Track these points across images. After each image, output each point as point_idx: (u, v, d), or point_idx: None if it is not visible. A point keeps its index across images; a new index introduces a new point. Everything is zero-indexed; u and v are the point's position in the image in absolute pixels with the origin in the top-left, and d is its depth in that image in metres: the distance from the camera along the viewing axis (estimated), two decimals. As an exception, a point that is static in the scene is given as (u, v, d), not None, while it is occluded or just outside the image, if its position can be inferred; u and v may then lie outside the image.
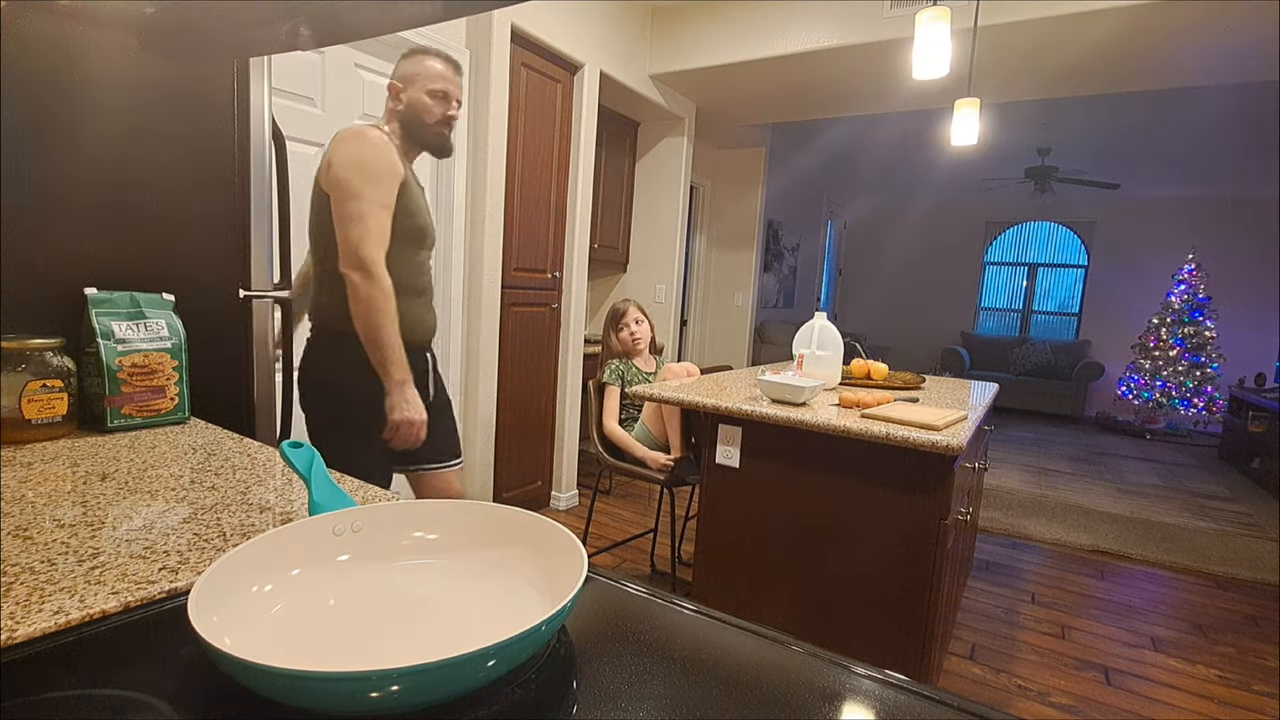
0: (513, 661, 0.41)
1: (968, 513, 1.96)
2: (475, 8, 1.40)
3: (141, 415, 1.00)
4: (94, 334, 0.97)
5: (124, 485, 0.73)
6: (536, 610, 0.40)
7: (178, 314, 1.07)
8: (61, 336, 0.96)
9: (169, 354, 1.03)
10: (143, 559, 0.55)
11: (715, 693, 0.44)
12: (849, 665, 0.47)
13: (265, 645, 0.43)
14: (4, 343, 0.89)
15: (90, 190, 1.04)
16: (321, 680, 0.35)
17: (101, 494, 0.70)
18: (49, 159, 0.99)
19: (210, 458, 0.86)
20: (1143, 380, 6.20)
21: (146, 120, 1.09)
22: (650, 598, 0.56)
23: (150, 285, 1.08)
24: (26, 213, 0.97)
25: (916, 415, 1.58)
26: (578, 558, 0.48)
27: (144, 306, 1.04)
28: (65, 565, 0.53)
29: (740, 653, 0.49)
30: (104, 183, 1.05)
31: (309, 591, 0.49)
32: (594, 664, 0.46)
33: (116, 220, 1.07)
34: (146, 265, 1.10)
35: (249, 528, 0.64)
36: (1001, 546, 3.12)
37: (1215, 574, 2.93)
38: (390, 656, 0.34)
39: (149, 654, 0.44)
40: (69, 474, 0.76)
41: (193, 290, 1.14)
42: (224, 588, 0.44)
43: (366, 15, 0.97)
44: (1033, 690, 1.93)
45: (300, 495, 0.74)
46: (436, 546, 0.56)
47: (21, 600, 0.47)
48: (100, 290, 1.01)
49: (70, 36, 0.99)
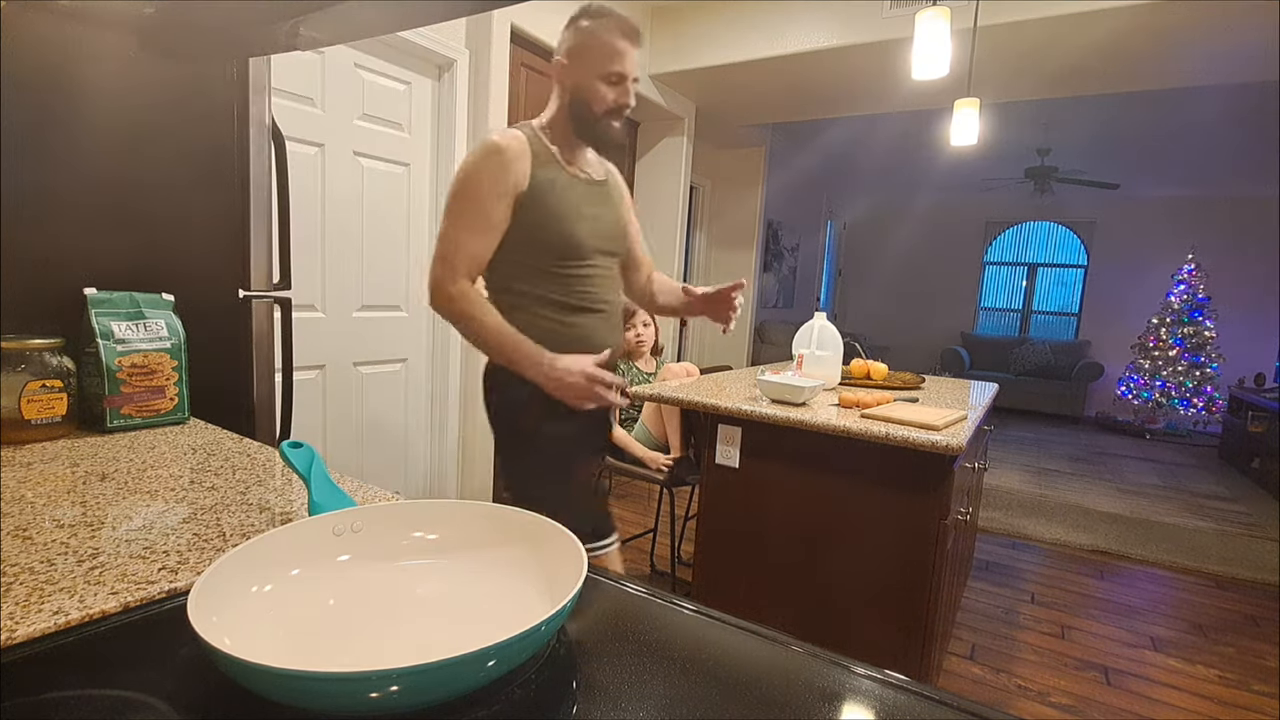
0: (513, 661, 0.41)
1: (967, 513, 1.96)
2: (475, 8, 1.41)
3: (141, 415, 1.00)
4: (94, 334, 0.97)
5: (123, 485, 0.73)
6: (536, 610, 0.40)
7: (177, 314, 1.07)
8: (61, 336, 0.95)
9: (169, 354, 1.03)
10: (142, 559, 0.55)
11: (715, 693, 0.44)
12: (849, 665, 0.47)
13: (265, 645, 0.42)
14: (4, 343, 0.89)
15: (90, 190, 1.04)
16: (321, 680, 0.34)
17: (101, 494, 0.70)
18: (49, 159, 0.99)
19: (210, 458, 0.86)
20: (1142, 380, 6.20)
21: (146, 120, 1.09)
22: (650, 598, 0.56)
23: (150, 285, 1.08)
24: (26, 213, 0.97)
25: (916, 415, 1.58)
26: (578, 558, 0.48)
27: (144, 307, 1.04)
28: (65, 565, 0.53)
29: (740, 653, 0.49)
30: (104, 183, 1.05)
31: (309, 592, 0.49)
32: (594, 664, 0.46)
33: (116, 220, 1.07)
34: (146, 265, 1.10)
35: (249, 528, 0.63)
36: (1001, 546, 3.12)
37: (1215, 574, 2.93)
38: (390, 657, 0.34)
39: (149, 654, 0.44)
40: (68, 474, 0.76)
41: (193, 290, 1.14)
42: (224, 588, 0.44)
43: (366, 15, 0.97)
44: (1033, 690, 1.93)
45: (300, 495, 0.74)
46: (436, 546, 0.56)
47: (21, 600, 0.47)
48: (100, 290, 1.01)
49: (70, 37, 0.99)
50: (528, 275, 1.27)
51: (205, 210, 1.19)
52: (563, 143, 1.30)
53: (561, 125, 1.30)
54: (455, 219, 1.22)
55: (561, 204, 1.26)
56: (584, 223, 1.28)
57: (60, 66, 0.99)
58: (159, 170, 1.11)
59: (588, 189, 1.32)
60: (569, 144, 1.31)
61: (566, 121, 1.29)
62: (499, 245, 1.26)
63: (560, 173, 1.27)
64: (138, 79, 1.07)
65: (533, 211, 1.23)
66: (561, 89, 1.28)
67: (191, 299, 1.12)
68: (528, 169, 1.23)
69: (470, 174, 1.21)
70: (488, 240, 1.24)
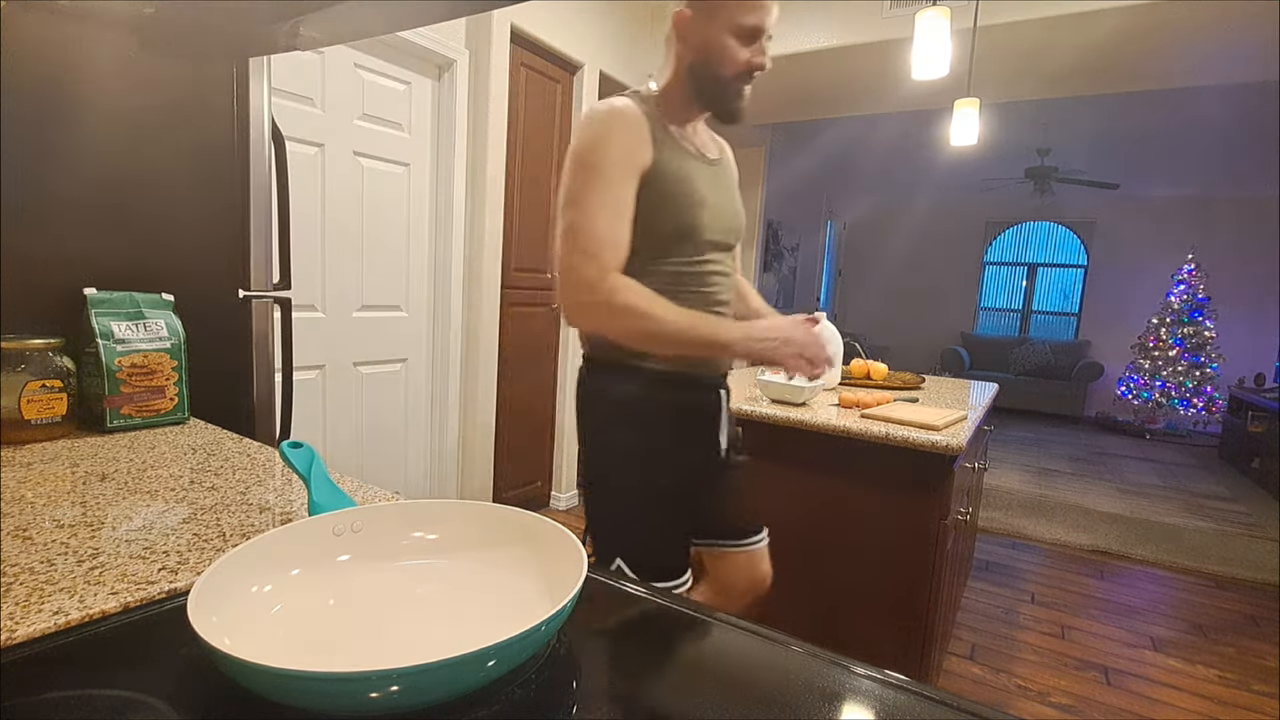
0: (513, 662, 0.41)
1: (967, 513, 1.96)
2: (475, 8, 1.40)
3: (141, 415, 1.00)
4: (93, 334, 0.97)
5: (123, 485, 0.73)
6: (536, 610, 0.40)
7: (177, 314, 1.07)
8: (61, 336, 0.95)
9: (168, 354, 1.03)
10: (142, 559, 0.55)
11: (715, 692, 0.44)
12: (849, 665, 0.47)
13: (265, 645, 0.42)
14: (4, 343, 0.89)
15: (90, 190, 1.04)
16: (321, 680, 0.34)
17: (101, 494, 0.70)
18: (49, 159, 0.99)
19: (210, 458, 0.86)
20: (1142, 380, 6.20)
21: (146, 120, 1.09)
22: (650, 598, 0.56)
23: (150, 285, 1.08)
24: (26, 213, 0.97)
25: (916, 415, 1.58)
26: (578, 558, 0.48)
27: (143, 307, 1.04)
28: (65, 565, 0.53)
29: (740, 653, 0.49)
30: (104, 183, 1.05)
31: (309, 592, 0.49)
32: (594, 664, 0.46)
33: (116, 220, 1.07)
34: (146, 265, 1.10)
35: (249, 528, 0.63)
36: (1001, 546, 3.12)
37: (1215, 574, 2.93)
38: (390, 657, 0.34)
39: (148, 654, 0.44)
40: (68, 474, 0.76)
41: (192, 290, 1.14)
42: (224, 588, 0.44)
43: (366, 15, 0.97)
44: (1033, 690, 1.93)
45: (300, 495, 0.74)
46: (436, 546, 0.56)
47: (21, 600, 0.47)
48: (100, 290, 1.01)
49: (70, 37, 0.99)
50: (636, 274, 1.03)
51: (205, 210, 1.19)
52: (679, 114, 1.10)
53: (678, 92, 1.09)
54: (586, 202, 0.99)
55: (681, 187, 1.05)
56: (704, 210, 1.08)
57: (60, 66, 0.99)
58: (159, 170, 1.11)
59: (705, 170, 1.11)
60: (687, 115, 1.11)
61: (685, 86, 1.08)
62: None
63: (677, 150, 1.07)
64: (138, 79, 1.07)
65: (650, 195, 1.03)
66: (683, 46, 1.06)
67: (191, 299, 1.12)
68: (650, 143, 1.03)
69: (595, 147, 1.00)
70: (626, 226, 1.01)
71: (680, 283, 1.08)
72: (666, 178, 1.04)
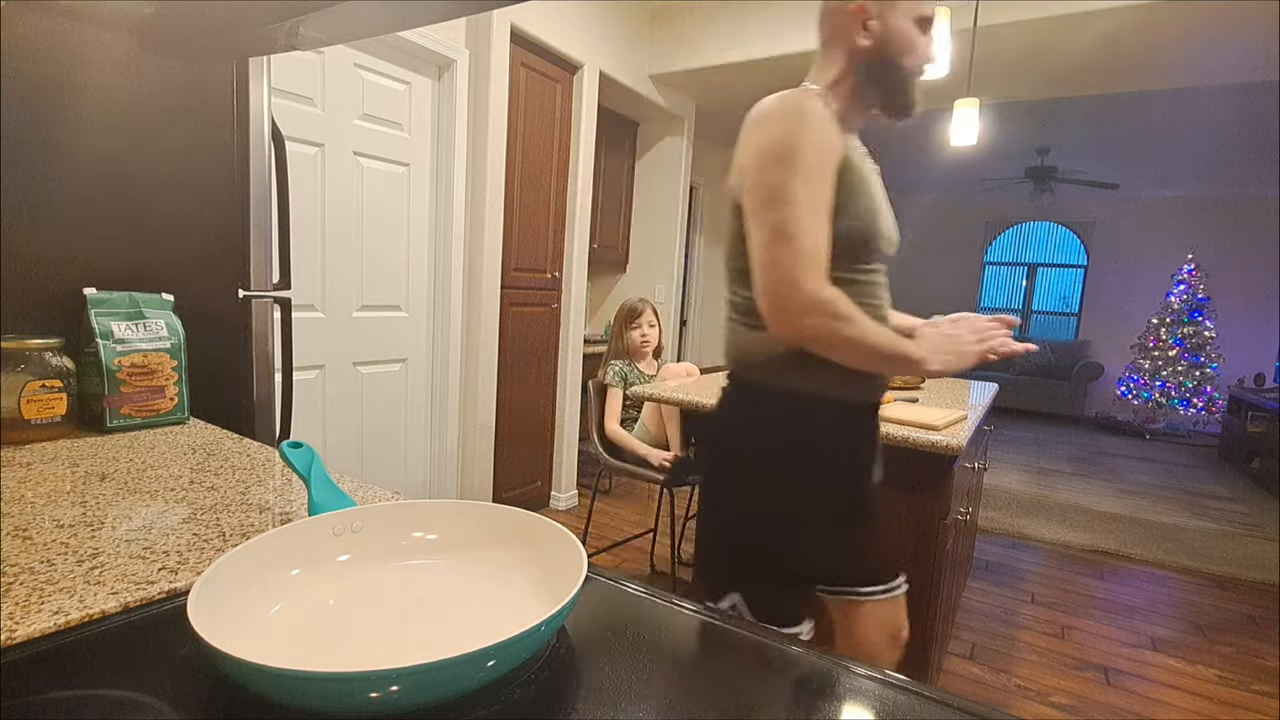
0: (512, 661, 0.41)
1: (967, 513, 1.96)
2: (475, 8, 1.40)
3: (141, 415, 1.00)
4: (93, 334, 0.97)
5: (123, 485, 0.73)
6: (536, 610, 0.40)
7: (177, 314, 1.07)
8: (61, 336, 0.95)
9: (168, 354, 1.03)
10: (142, 559, 0.55)
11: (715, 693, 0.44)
12: (849, 665, 0.47)
13: (265, 645, 0.42)
14: (4, 343, 0.89)
15: (90, 190, 1.03)
16: (321, 680, 0.34)
17: (101, 494, 0.70)
18: (49, 159, 0.99)
19: (210, 458, 0.86)
20: (1142, 380, 6.20)
21: (146, 120, 1.09)
22: (650, 598, 0.56)
23: (150, 285, 1.08)
24: (26, 213, 0.97)
25: (916, 415, 1.58)
26: (577, 558, 0.48)
27: (143, 306, 1.04)
28: (64, 565, 0.53)
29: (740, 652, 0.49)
30: (104, 183, 1.05)
31: (308, 592, 0.49)
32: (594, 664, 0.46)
33: (116, 220, 1.07)
34: (146, 265, 1.10)
35: (249, 528, 0.63)
36: (1001, 546, 3.12)
37: (1215, 574, 2.93)
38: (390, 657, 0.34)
39: (148, 654, 0.44)
40: (68, 474, 0.76)
41: (192, 290, 1.14)
42: (223, 588, 0.44)
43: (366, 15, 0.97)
44: (1033, 690, 1.93)
45: (300, 495, 0.74)
46: (436, 546, 0.56)
47: (21, 600, 0.47)
48: (100, 290, 1.01)
49: (70, 36, 0.99)
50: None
51: (205, 210, 1.19)
52: (850, 111, 1.01)
53: (848, 87, 1.00)
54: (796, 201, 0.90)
55: (864, 188, 0.98)
56: (883, 216, 1.00)
57: (60, 66, 0.99)
58: (159, 170, 1.11)
59: (875, 172, 1.04)
60: (857, 113, 1.02)
61: (860, 82, 1.00)
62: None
63: (855, 149, 0.99)
64: (138, 79, 1.07)
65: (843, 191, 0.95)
66: (860, 39, 0.98)
67: (191, 299, 1.12)
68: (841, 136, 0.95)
69: (793, 142, 0.90)
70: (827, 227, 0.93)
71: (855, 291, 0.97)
72: (854, 177, 0.96)
